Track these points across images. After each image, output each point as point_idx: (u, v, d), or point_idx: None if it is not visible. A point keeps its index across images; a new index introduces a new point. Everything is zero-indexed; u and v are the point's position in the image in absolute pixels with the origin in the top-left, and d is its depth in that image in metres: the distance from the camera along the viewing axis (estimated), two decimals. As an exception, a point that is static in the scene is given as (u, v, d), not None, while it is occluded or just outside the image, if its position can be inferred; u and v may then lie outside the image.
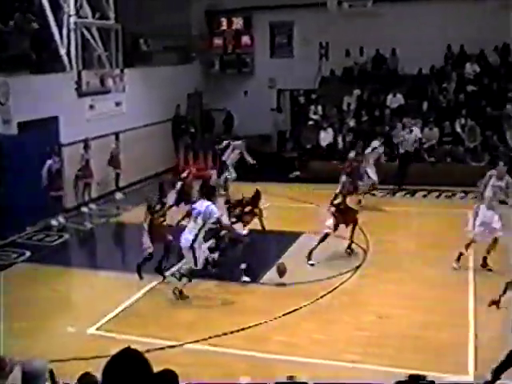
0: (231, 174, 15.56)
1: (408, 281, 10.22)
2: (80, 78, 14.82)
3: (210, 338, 8.31)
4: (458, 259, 10.57)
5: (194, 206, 9.69)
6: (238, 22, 22.90)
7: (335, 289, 9.88)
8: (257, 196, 10.78)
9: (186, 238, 9.41)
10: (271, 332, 8.58)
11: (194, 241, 9.33)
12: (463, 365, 7.54)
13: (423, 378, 3.04)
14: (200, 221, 9.35)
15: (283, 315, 8.94)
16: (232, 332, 8.46)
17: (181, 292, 9.61)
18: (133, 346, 2.98)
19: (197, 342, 8.24)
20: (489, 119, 18.42)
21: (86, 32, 15.19)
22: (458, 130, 18.34)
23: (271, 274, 10.53)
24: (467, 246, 10.61)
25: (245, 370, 7.53)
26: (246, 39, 22.93)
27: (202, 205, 9.48)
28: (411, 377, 3.02)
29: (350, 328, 8.65)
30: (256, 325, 8.68)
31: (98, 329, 8.73)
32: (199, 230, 9.35)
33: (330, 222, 11.13)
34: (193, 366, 7.59)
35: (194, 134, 20.56)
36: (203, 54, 22.89)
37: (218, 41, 23.03)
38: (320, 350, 8.06)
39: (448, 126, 18.33)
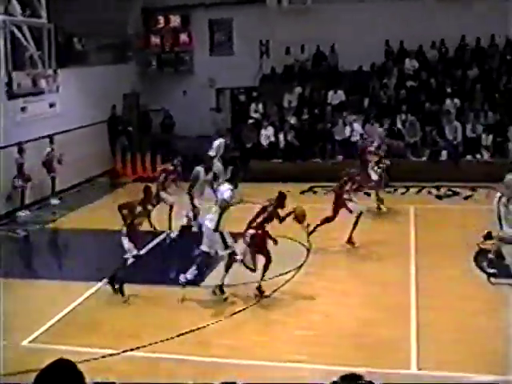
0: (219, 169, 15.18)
1: (351, 278, 10.40)
2: (10, 79, 14.42)
3: (152, 344, 8.26)
4: None
5: (218, 189, 9.94)
6: (175, 20, 22.80)
7: (278, 289, 9.96)
8: (281, 198, 9.91)
9: (208, 224, 9.59)
10: (214, 335, 8.58)
11: (217, 226, 9.49)
12: (406, 360, 7.71)
13: (353, 376, 3.06)
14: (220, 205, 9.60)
15: (225, 318, 8.96)
16: (174, 337, 8.42)
17: (221, 289, 9.63)
18: (71, 357, 2.94)
19: (138, 348, 8.17)
20: (428, 114, 18.91)
21: (16, 31, 14.81)
22: (399, 125, 18.76)
23: (213, 276, 10.56)
24: None
25: (188, 375, 7.51)
26: (184, 37, 22.86)
27: (222, 189, 9.75)
28: (344, 377, 3.04)
29: (294, 328, 8.72)
30: (198, 328, 8.67)
31: (33, 341, 8.53)
32: (220, 214, 9.53)
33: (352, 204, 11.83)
34: (135, 374, 7.54)
35: (131, 135, 20.38)
36: (140, 52, 22.70)
37: (155, 39, 22.88)
38: (264, 351, 8.10)
39: (388, 122, 18.71)
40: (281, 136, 18.87)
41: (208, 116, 21.67)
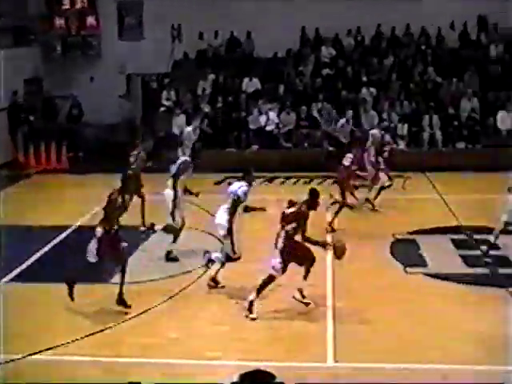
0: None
1: (265, 271, 10.43)
2: None
3: (60, 346, 8.03)
4: None
5: (229, 188, 9.74)
6: (81, 1, 22.21)
7: (192, 283, 9.93)
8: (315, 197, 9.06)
9: (222, 222, 9.49)
10: (125, 334, 8.44)
11: (230, 224, 9.40)
12: (323, 353, 7.84)
13: (256, 373, 3.07)
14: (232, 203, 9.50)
15: (137, 315, 8.83)
16: (82, 338, 8.22)
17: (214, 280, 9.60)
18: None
19: (46, 350, 7.92)
20: (344, 103, 19.28)
21: None
22: (315, 113, 19.05)
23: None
24: None
25: (98, 376, 7.38)
26: (91, 20, 22.30)
27: (236, 186, 9.61)
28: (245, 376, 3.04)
29: (208, 323, 8.72)
30: (108, 328, 8.51)
31: None
32: (233, 212, 9.45)
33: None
34: (41, 378, 7.30)
35: (33, 124, 19.71)
36: (43, 35, 21.98)
37: (59, 21, 22.18)
38: (178, 348, 8.05)
39: (305, 110, 18.96)
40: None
41: (117, 103, 21.29)
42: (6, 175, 18.17)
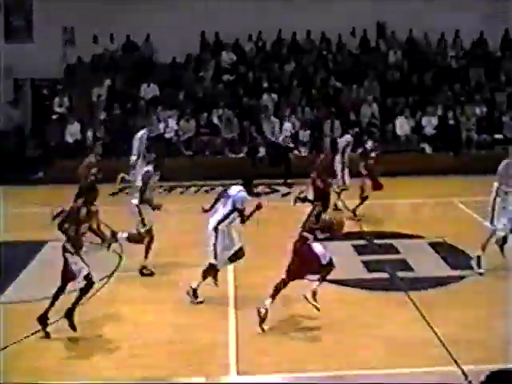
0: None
1: (163, 285, 10.38)
2: None
3: None
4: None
5: (227, 191, 9.82)
6: (-41, -1, 21.47)
7: (85, 300, 9.68)
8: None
9: (213, 219, 9.60)
10: (14, 358, 8.12)
11: (219, 223, 9.47)
12: (225, 365, 7.86)
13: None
14: (229, 206, 9.57)
15: (26, 337, 8.53)
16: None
17: (194, 292, 9.50)
18: None
19: None
20: (246, 109, 19.50)
21: None
22: (215, 120, 19.14)
23: (13, 290, 10.04)
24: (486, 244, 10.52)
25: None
26: (-29, 19, 21.59)
27: (235, 190, 9.62)
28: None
29: (105, 341, 8.55)
30: (-6, 351, 8.17)
31: None
32: (228, 214, 9.51)
33: None
34: None
35: None
36: None
37: None
38: (73, 370, 7.83)
39: (205, 117, 19.02)
40: (89, 133, 18.44)
41: (4, 110, 20.62)
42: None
